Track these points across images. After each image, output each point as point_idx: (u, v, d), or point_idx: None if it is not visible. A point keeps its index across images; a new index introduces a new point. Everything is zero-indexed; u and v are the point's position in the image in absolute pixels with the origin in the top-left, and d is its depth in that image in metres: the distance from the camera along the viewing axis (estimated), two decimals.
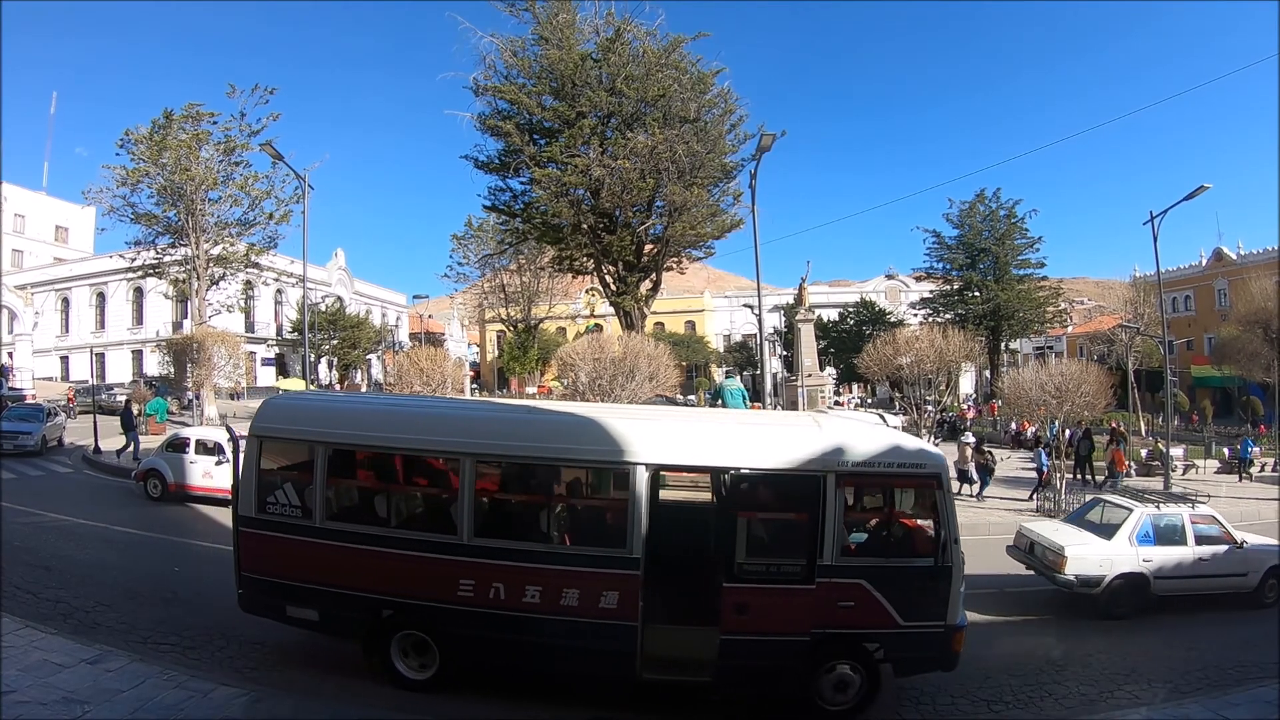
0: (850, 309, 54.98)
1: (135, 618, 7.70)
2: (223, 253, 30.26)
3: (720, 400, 18.70)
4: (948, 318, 42.61)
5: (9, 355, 42.43)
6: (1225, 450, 23.76)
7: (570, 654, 6.27)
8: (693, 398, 43.85)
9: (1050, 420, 19.14)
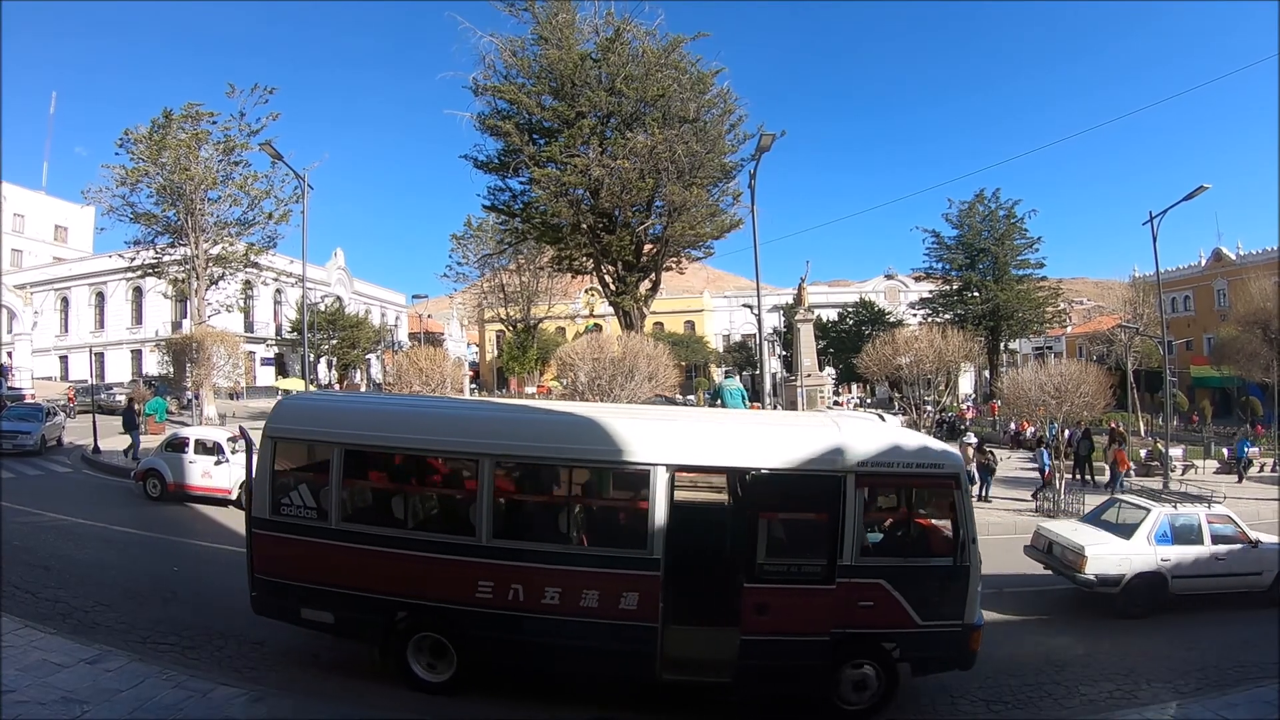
0: (849, 309, 54.99)
1: (134, 617, 7.69)
2: (222, 252, 30.31)
3: (720, 400, 18.69)
4: (947, 318, 42.56)
5: (8, 355, 42.42)
6: (1225, 450, 23.79)
7: (589, 655, 6.24)
8: (692, 398, 43.83)
9: (1050, 420, 19.16)
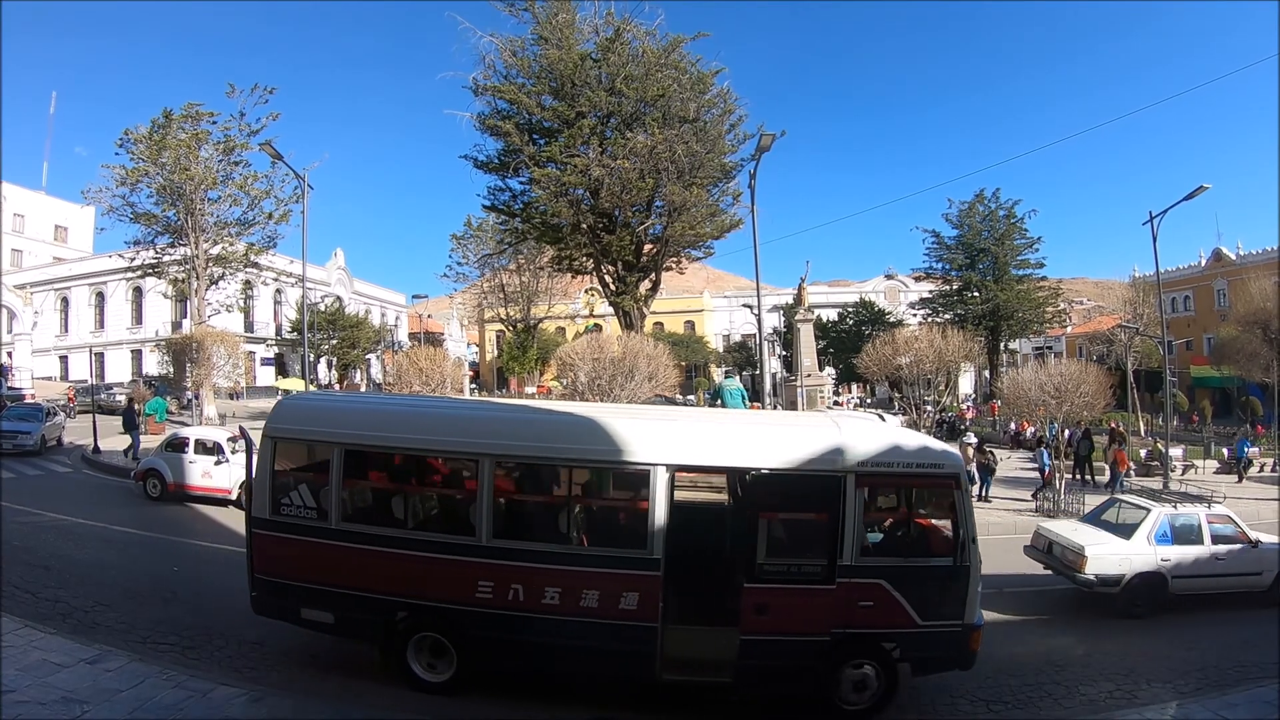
0: (849, 309, 54.99)
1: (134, 617, 7.69)
2: (222, 252, 30.31)
3: (719, 400, 18.69)
4: (947, 318, 42.57)
5: (8, 355, 42.41)
6: (1225, 451, 23.80)
7: (589, 655, 6.24)
8: (692, 398, 43.83)
9: (1050, 420, 19.17)
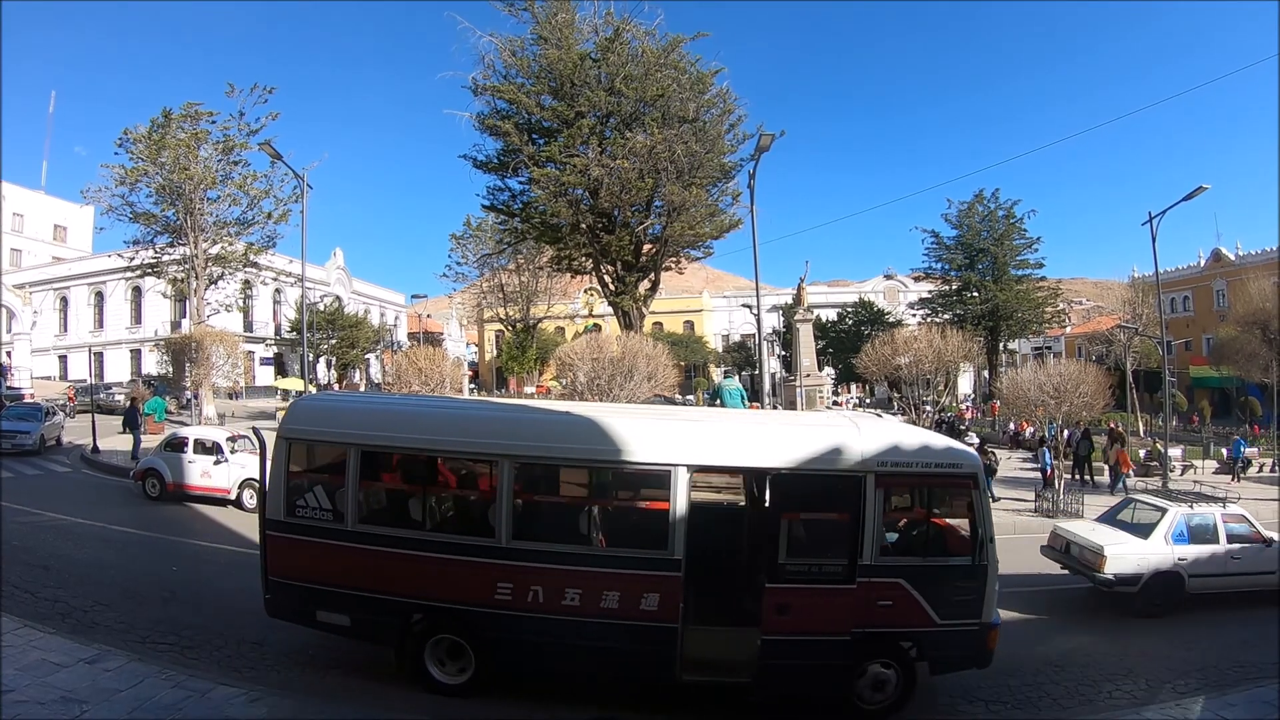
0: (849, 309, 54.96)
1: (133, 617, 7.68)
2: (221, 252, 30.30)
3: (719, 400, 18.70)
4: (946, 318, 42.55)
5: (8, 354, 42.36)
6: (1224, 451, 23.83)
7: (609, 657, 6.22)
8: (691, 398, 43.81)
9: (1049, 420, 19.18)
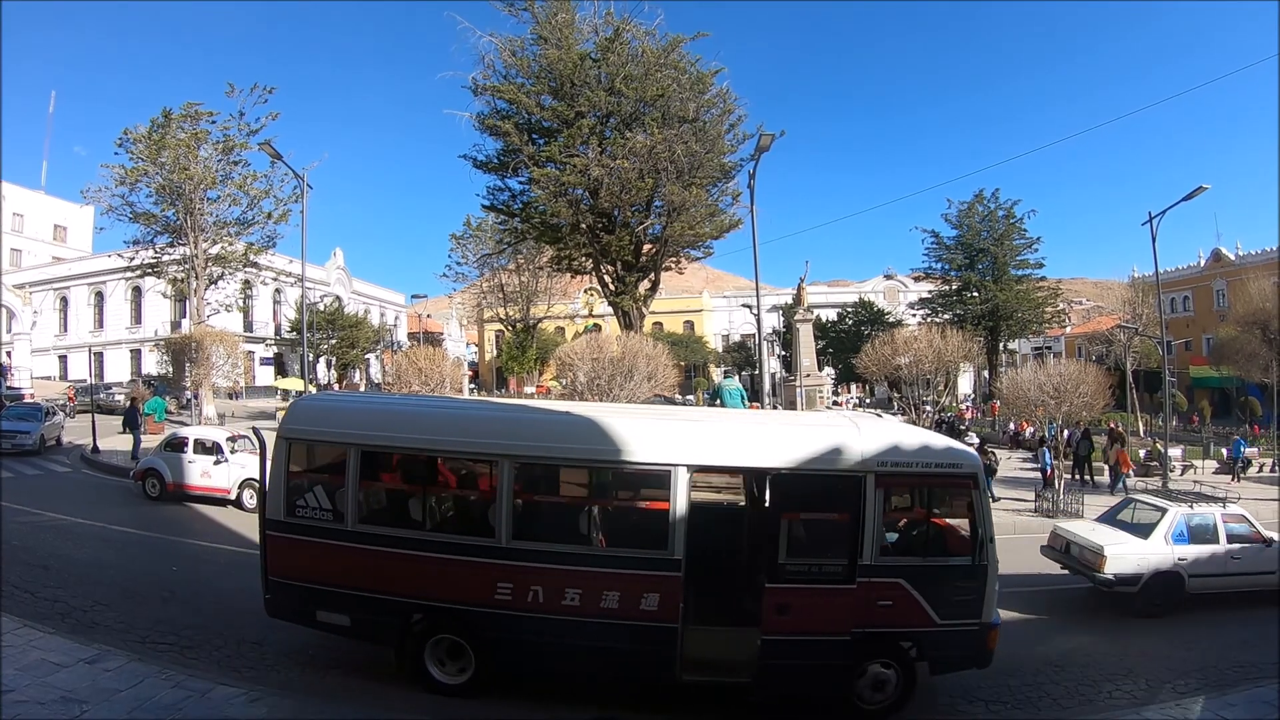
0: (849, 309, 54.96)
1: (133, 617, 7.68)
2: (221, 252, 30.30)
3: (718, 400, 18.70)
4: (946, 318, 42.54)
5: (7, 354, 42.35)
6: (1224, 451, 23.84)
7: (609, 657, 6.23)
8: (691, 398, 43.81)
9: (1049, 420, 19.18)
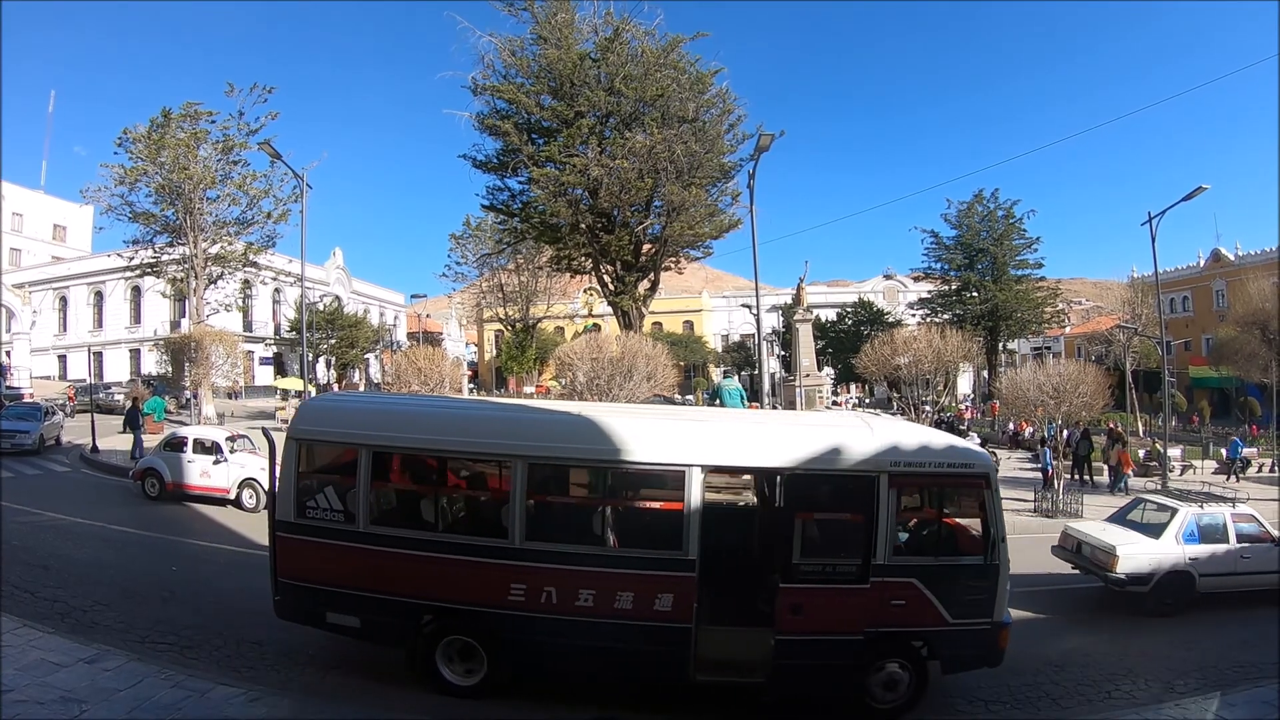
0: (848, 309, 55.02)
1: (133, 617, 7.67)
2: (221, 251, 30.32)
3: (718, 400, 18.70)
4: (945, 318, 42.58)
5: (7, 354, 42.31)
6: (1223, 451, 23.87)
7: (623, 657, 6.21)
8: (690, 397, 43.80)
9: (1049, 420, 19.19)
